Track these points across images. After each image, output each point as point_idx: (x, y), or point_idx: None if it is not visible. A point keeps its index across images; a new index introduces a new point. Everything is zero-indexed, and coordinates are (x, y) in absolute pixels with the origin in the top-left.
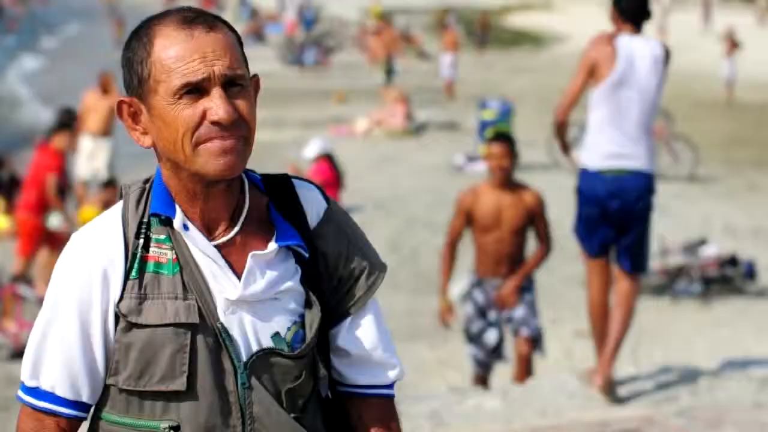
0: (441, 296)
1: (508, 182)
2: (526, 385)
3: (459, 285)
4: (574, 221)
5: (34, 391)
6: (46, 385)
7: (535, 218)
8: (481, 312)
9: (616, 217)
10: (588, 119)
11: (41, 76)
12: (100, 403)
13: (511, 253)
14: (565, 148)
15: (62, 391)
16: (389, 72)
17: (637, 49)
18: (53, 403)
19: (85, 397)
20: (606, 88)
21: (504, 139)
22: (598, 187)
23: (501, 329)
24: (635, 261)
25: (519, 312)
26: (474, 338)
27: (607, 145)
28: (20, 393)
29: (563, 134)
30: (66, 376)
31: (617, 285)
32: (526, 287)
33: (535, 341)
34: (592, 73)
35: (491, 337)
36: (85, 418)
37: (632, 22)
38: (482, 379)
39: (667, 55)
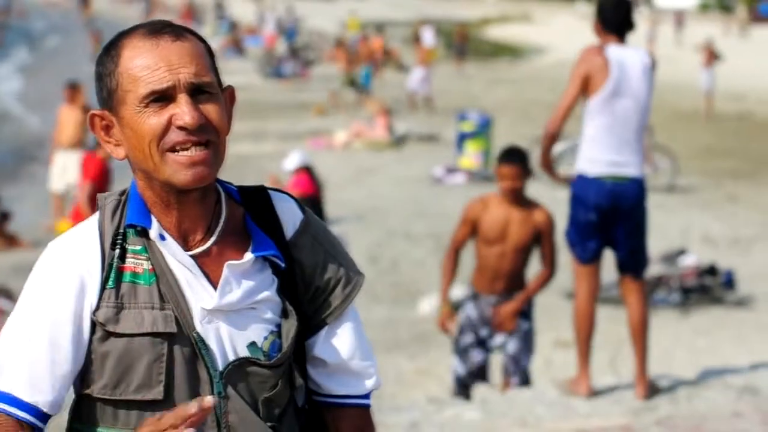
0: (442, 302)
1: (519, 199)
2: (505, 395)
3: (454, 293)
4: (565, 227)
5: None
6: (5, 386)
7: (542, 238)
8: (473, 327)
9: (614, 223)
10: (583, 130)
11: (23, 89)
12: (74, 414)
13: (512, 270)
14: (548, 160)
15: (21, 393)
16: (352, 83)
17: (627, 57)
18: (11, 404)
19: (42, 404)
20: (602, 98)
21: (516, 159)
22: (596, 193)
23: (489, 352)
24: (640, 265)
25: (512, 345)
26: (460, 352)
27: (605, 152)
28: None
29: (550, 146)
30: (27, 379)
31: (628, 296)
32: (525, 312)
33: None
34: (585, 85)
35: (477, 357)
36: (41, 430)
37: (616, 32)
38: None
39: (653, 63)
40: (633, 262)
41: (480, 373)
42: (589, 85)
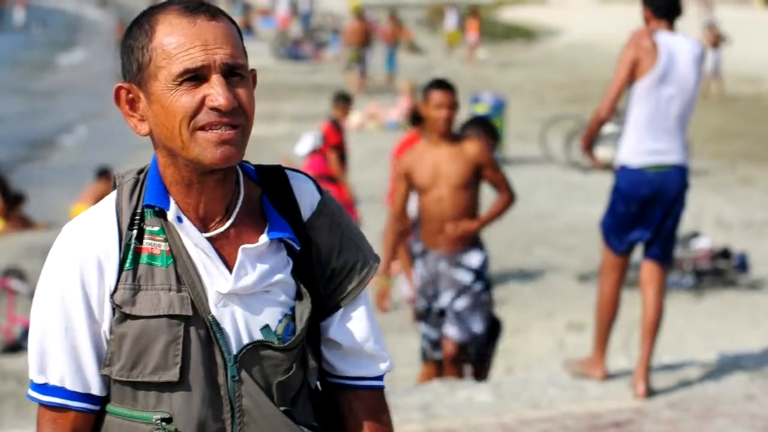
0: (380, 275)
1: (449, 134)
2: (518, 378)
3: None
4: (603, 215)
5: (44, 388)
6: (54, 380)
7: (483, 169)
8: (423, 290)
9: (652, 209)
10: (627, 116)
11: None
12: None
13: (456, 216)
14: (590, 143)
15: (71, 385)
16: (358, 58)
17: (677, 45)
18: (63, 397)
19: (94, 389)
20: (648, 83)
21: (448, 86)
22: (641, 186)
23: (437, 323)
24: (669, 251)
25: (460, 303)
26: (421, 316)
27: (648, 142)
28: (30, 392)
29: (597, 131)
30: (74, 368)
31: (647, 287)
32: (478, 272)
33: (463, 348)
34: (633, 70)
35: (426, 331)
36: (98, 411)
37: (666, 18)
38: (438, 365)
39: (703, 54)
40: (662, 248)
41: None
42: (637, 69)
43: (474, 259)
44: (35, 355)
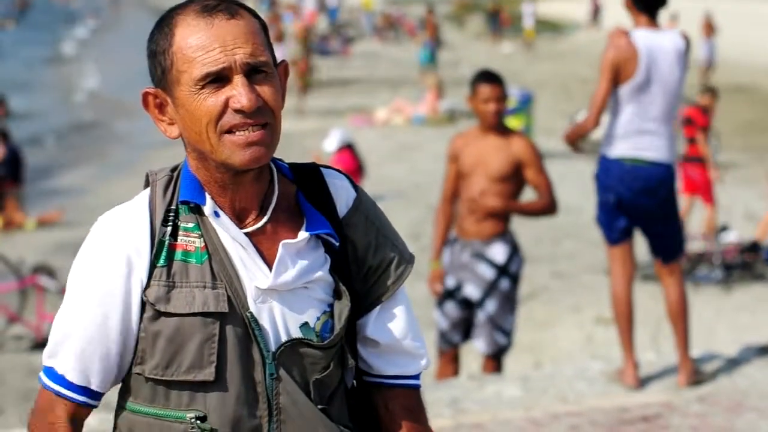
0: (433, 260)
1: (499, 125)
2: (546, 372)
3: None
4: (596, 210)
5: (49, 371)
6: (60, 368)
7: (525, 167)
8: (444, 277)
9: (633, 206)
10: (609, 112)
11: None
12: (125, 393)
13: (489, 209)
14: (575, 140)
15: (73, 377)
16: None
17: (658, 43)
18: (63, 386)
19: (94, 385)
20: (631, 88)
21: (497, 79)
22: (615, 174)
23: (463, 306)
24: (669, 250)
25: (492, 305)
26: (438, 303)
27: (627, 135)
28: (41, 374)
29: (583, 135)
30: (80, 362)
31: (663, 278)
32: (512, 274)
33: (497, 355)
34: (615, 76)
35: (450, 309)
36: (95, 407)
37: (647, 11)
38: (449, 358)
39: (687, 44)
40: (661, 247)
41: (462, 328)
42: (619, 75)
43: (498, 253)
44: (53, 340)
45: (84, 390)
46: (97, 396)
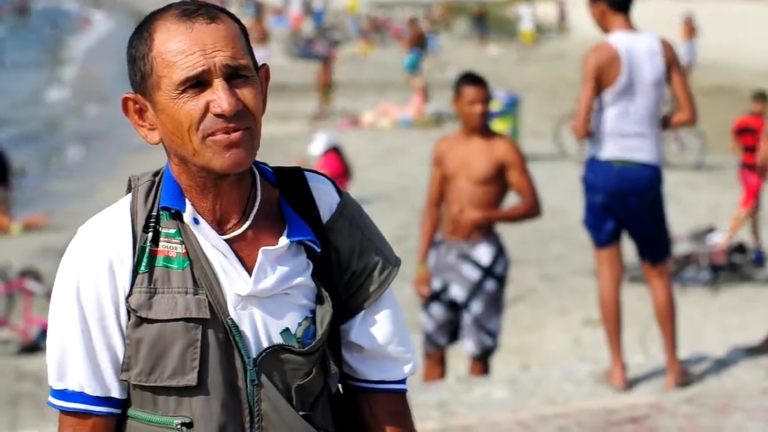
0: (419, 263)
1: (483, 128)
2: (534, 374)
3: None
4: (584, 212)
5: (63, 394)
6: (73, 386)
7: (508, 169)
8: (430, 279)
9: (622, 207)
10: (594, 117)
11: None
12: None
13: (474, 221)
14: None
15: (91, 389)
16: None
17: (636, 45)
18: (84, 402)
19: (115, 393)
20: (614, 93)
21: (481, 81)
22: (604, 176)
23: (449, 307)
24: (657, 252)
25: (477, 306)
26: (424, 305)
27: (614, 137)
28: (51, 399)
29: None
30: (92, 372)
31: (650, 280)
32: (498, 275)
33: (483, 356)
34: (598, 82)
35: (436, 311)
36: (119, 415)
37: (622, 11)
38: (435, 360)
39: (666, 46)
40: (649, 250)
41: (448, 330)
42: (602, 81)
43: (483, 254)
44: (54, 362)
45: (106, 400)
46: (119, 403)
